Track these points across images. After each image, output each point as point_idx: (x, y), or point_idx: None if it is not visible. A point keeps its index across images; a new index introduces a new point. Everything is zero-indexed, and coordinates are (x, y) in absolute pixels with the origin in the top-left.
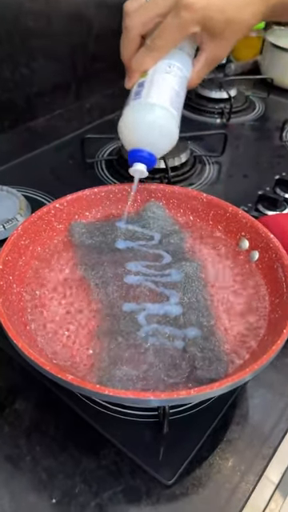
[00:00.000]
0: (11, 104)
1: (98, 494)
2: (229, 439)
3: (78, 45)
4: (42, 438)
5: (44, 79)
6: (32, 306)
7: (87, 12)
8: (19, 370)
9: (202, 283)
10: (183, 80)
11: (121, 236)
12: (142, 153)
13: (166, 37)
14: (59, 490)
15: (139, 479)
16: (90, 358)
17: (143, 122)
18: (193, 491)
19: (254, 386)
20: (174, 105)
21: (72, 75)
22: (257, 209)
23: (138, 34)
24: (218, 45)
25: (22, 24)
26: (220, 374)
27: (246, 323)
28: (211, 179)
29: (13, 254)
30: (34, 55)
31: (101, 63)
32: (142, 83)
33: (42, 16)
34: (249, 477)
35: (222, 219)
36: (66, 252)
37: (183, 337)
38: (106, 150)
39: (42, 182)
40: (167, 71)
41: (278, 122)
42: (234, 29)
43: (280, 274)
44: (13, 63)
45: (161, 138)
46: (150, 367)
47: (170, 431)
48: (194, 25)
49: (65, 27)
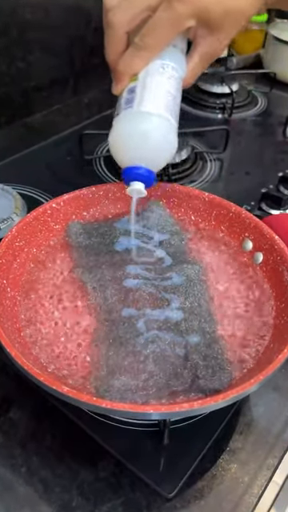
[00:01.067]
0: (7, 99)
1: (97, 507)
2: (232, 449)
3: (76, 38)
4: (38, 448)
5: (41, 73)
6: (27, 311)
7: (85, 4)
8: (14, 377)
9: (204, 287)
10: (179, 81)
11: (119, 237)
12: (138, 170)
13: (157, 34)
14: (56, 504)
15: (139, 492)
16: (87, 366)
17: (138, 134)
18: (194, 504)
19: (259, 392)
20: (171, 111)
21: (70, 69)
22: (260, 207)
23: (124, 32)
24: (214, 38)
25: (19, 16)
26: (224, 384)
27: (250, 329)
28: (213, 176)
29: (7, 256)
30: (31, 48)
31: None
32: (133, 89)
33: (40, 8)
34: (253, 489)
35: (224, 219)
36: (63, 253)
37: (185, 344)
38: (105, 146)
39: (39, 180)
40: (161, 73)
41: (281, 117)
42: (233, 20)
43: (285, 278)
44: (9, 57)
45: (159, 150)
46: (149, 376)
47: (171, 441)
48: (189, 18)
49: (63, 20)
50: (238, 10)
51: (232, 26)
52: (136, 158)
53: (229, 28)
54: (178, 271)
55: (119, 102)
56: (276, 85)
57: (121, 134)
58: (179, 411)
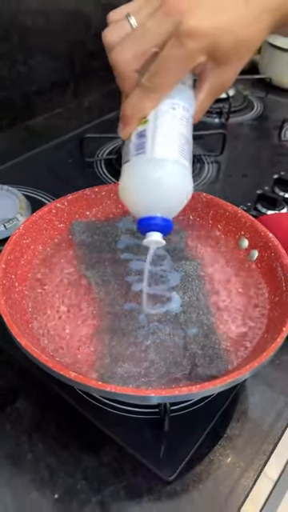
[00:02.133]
0: (9, 102)
1: (100, 490)
2: (229, 436)
3: (76, 42)
4: (43, 436)
5: (42, 77)
6: (34, 305)
7: (85, 9)
8: (19, 370)
9: (202, 282)
10: (190, 120)
11: (121, 235)
12: (155, 220)
13: (167, 73)
14: (61, 487)
15: (140, 476)
16: (92, 356)
17: (153, 182)
18: (193, 487)
19: (255, 383)
20: (185, 154)
21: (70, 73)
22: (256, 208)
23: (132, 71)
24: (223, 71)
25: (20, 22)
26: (221, 371)
27: (245, 321)
28: (210, 178)
29: (15, 253)
30: (32, 53)
31: (99, 61)
32: (143, 133)
33: (41, 14)
34: (249, 473)
35: (221, 218)
36: (67, 251)
37: (184, 335)
38: (106, 149)
39: (42, 181)
40: (171, 114)
41: (276, 121)
42: (243, 51)
43: (279, 273)
44: (10, 61)
45: (175, 197)
46: (151, 364)
47: (171, 428)
48: (201, 54)
49: (63, 25)
50: (250, 40)
51: (241, 58)
52: (151, 207)
53: (238, 59)
54: (177, 267)
55: (127, 146)
56: (272, 90)
57: (134, 183)
58: (179, 395)
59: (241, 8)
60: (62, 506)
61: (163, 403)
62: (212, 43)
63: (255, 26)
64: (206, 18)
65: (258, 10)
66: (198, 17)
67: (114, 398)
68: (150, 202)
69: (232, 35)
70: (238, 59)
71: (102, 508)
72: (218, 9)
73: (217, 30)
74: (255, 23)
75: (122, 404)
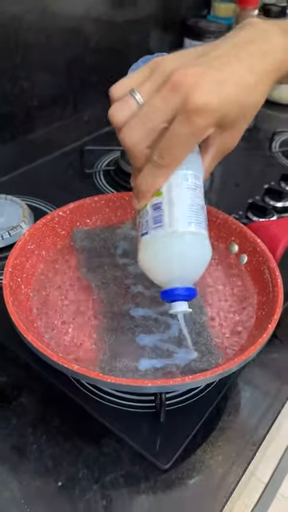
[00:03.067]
0: (12, 116)
1: (100, 478)
2: (221, 428)
3: (75, 59)
4: (47, 428)
5: (43, 92)
6: (38, 306)
7: (84, 27)
8: (24, 367)
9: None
10: (201, 186)
11: (120, 241)
12: (179, 291)
13: (176, 149)
14: (64, 476)
15: (138, 465)
16: (93, 352)
17: (174, 255)
18: (188, 475)
19: (245, 381)
20: (201, 223)
21: (70, 88)
22: (247, 216)
23: (142, 148)
24: (228, 136)
25: (21, 39)
26: (212, 365)
27: (236, 320)
28: (205, 188)
29: (20, 257)
30: (34, 69)
31: (97, 76)
32: (159, 205)
33: (41, 31)
34: (240, 462)
35: (213, 225)
36: (69, 256)
37: (178, 333)
38: (105, 160)
39: (44, 192)
40: (184, 186)
41: (267, 133)
42: (247, 115)
43: (266, 276)
44: (14, 78)
45: (196, 266)
46: (147, 359)
47: (167, 421)
48: (209, 128)
49: (62, 42)
50: (252, 104)
51: (245, 121)
52: (174, 278)
53: (242, 124)
54: None
55: (144, 218)
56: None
57: (155, 256)
58: (173, 384)
59: (246, 76)
60: (65, 492)
61: (159, 396)
62: (220, 117)
63: (259, 90)
64: (213, 92)
65: (261, 74)
66: (204, 92)
67: (113, 388)
68: (173, 273)
69: (239, 104)
70: (242, 124)
71: (103, 494)
72: (223, 81)
73: (224, 104)
74: (259, 87)
75: (121, 398)
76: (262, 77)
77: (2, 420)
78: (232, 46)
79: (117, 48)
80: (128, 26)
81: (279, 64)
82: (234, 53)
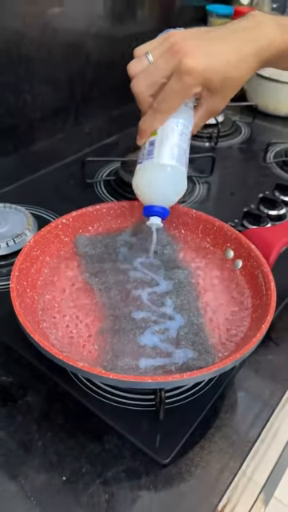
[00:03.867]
0: (16, 128)
1: (103, 473)
2: (218, 426)
3: (77, 73)
4: (52, 426)
5: (45, 105)
6: (43, 308)
7: (85, 43)
8: (29, 367)
9: (193, 287)
10: (188, 135)
11: (120, 247)
12: (156, 208)
13: (170, 100)
14: (68, 470)
15: (139, 460)
16: (95, 352)
17: (157, 180)
18: (186, 470)
19: (241, 380)
20: (182, 161)
21: (71, 101)
22: (242, 224)
23: (147, 96)
24: (216, 99)
25: (24, 54)
26: (208, 363)
27: (231, 321)
28: (201, 197)
29: (26, 263)
30: (37, 83)
31: (98, 90)
32: (153, 142)
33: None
34: (236, 457)
35: (209, 232)
36: (72, 261)
37: (176, 333)
38: (105, 171)
39: (47, 201)
40: (174, 130)
41: (262, 144)
42: (231, 85)
43: (260, 279)
44: (17, 91)
45: (173, 193)
46: (147, 359)
47: (166, 419)
48: (196, 87)
49: (65, 57)
50: (236, 78)
51: (230, 90)
52: (155, 198)
53: (227, 91)
54: (171, 275)
55: (142, 151)
56: (258, 115)
57: (144, 179)
58: (172, 381)
59: (230, 55)
60: (69, 486)
61: (159, 394)
62: (205, 80)
63: (242, 67)
64: (201, 60)
65: (245, 53)
66: (195, 59)
67: (116, 384)
68: (154, 194)
69: (221, 74)
70: (228, 92)
71: (105, 488)
72: (211, 54)
73: (208, 70)
74: (242, 64)
75: (122, 397)
76: (244, 58)
77: (8, 418)
78: (228, 31)
79: (116, 63)
80: (127, 41)
81: (261, 50)
82: (228, 36)
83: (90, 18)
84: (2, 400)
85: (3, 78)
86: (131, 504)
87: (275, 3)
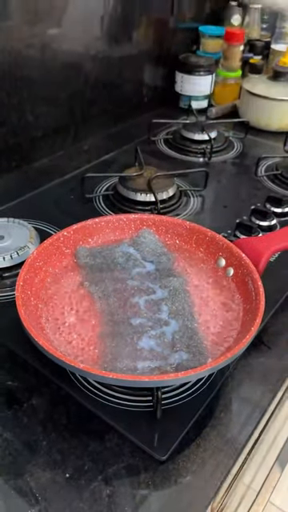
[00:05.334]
0: (18, 147)
1: (104, 470)
2: (213, 425)
3: (76, 93)
4: (55, 426)
5: (46, 124)
6: (46, 316)
7: (84, 65)
8: (33, 372)
9: (188, 294)
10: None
11: (118, 258)
12: None
13: None
14: (71, 468)
15: (138, 458)
16: (96, 355)
17: None
18: (183, 466)
19: (235, 381)
20: None
21: (71, 120)
22: (235, 235)
23: None
24: None
25: (26, 77)
26: (202, 364)
27: (223, 325)
28: (195, 210)
29: (30, 273)
30: (38, 103)
31: (96, 109)
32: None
33: (45, 68)
34: (230, 454)
35: (202, 242)
36: (73, 272)
37: (172, 337)
38: (103, 186)
39: (48, 215)
40: None
41: (254, 158)
42: None
43: (250, 286)
44: (21, 111)
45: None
46: (145, 361)
47: (163, 418)
48: None
49: (64, 77)
50: None
51: None
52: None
53: None
54: (166, 283)
55: None
56: (250, 131)
57: None
58: (168, 379)
59: None
60: (73, 483)
61: (156, 394)
62: None
63: None
64: None
65: None
66: None
67: (115, 383)
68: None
69: None
70: None
71: (106, 484)
72: None
73: None
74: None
75: (121, 399)
76: None
77: (15, 420)
78: None
79: (114, 83)
80: (124, 62)
81: None
82: None
83: (88, 40)
84: (8, 403)
85: (7, 100)
86: (131, 499)
87: (265, 24)
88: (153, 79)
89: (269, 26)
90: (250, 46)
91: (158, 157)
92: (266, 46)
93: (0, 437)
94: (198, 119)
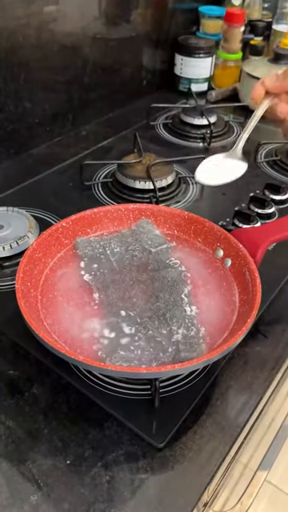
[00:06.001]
0: (15, 133)
1: (104, 457)
2: (209, 413)
3: (75, 78)
4: (56, 415)
5: (44, 110)
6: (46, 307)
7: (82, 49)
8: (34, 362)
9: (185, 285)
10: None
11: (117, 248)
12: None
13: None
14: (72, 455)
15: (137, 445)
16: (95, 346)
17: None
18: (180, 453)
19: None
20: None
21: (69, 105)
22: (233, 223)
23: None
24: None
25: (24, 63)
26: (199, 355)
27: (220, 316)
28: (194, 197)
29: (29, 264)
30: (35, 89)
31: (95, 94)
32: None
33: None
34: (225, 441)
35: (200, 232)
36: (72, 262)
37: (169, 328)
38: (102, 173)
39: (47, 203)
40: None
41: (253, 144)
42: None
43: (247, 277)
44: (17, 98)
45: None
46: (142, 352)
47: (161, 406)
48: None
49: (62, 62)
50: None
51: None
52: None
53: None
54: (164, 274)
55: None
56: (250, 115)
57: None
58: (165, 371)
59: None
60: (73, 469)
61: (154, 383)
62: None
63: None
64: None
65: None
66: None
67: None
68: None
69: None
70: None
71: (106, 470)
72: None
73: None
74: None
75: (120, 388)
76: None
77: (17, 409)
78: None
79: (112, 66)
80: (122, 44)
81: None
82: None
83: (86, 22)
84: (10, 392)
85: (3, 86)
86: (130, 484)
87: (266, 3)
88: (152, 62)
89: (270, 6)
90: (250, 26)
91: (157, 142)
92: (268, 26)
93: (3, 425)
94: (198, 103)
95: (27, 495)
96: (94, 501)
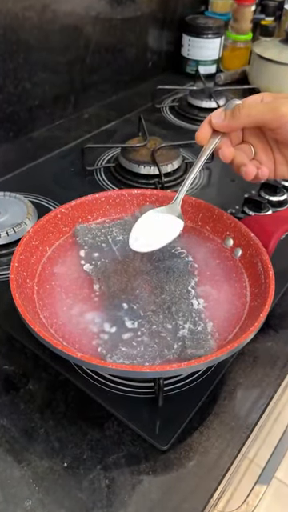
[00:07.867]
0: (15, 116)
1: (103, 459)
2: (216, 413)
3: (76, 59)
4: (54, 413)
5: (44, 92)
6: (43, 298)
7: (85, 29)
8: (31, 357)
9: (192, 276)
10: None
11: (119, 236)
12: None
13: None
14: (69, 456)
15: (139, 446)
16: (95, 341)
17: None
18: (185, 456)
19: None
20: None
21: (70, 87)
22: (243, 211)
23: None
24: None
25: (23, 42)
26: (207, 352)
27: (230, 310)
28: (202, 183)
29: (25, 253)
30: (36, 70)
31: (97, 76)
32: None
33: (43, 33)
34: (234, 444)
35: (209, 220)
36: (72, 251)
37: (175, 322)
38: (104, 157)
39: (46, 189)
40: None
41: None
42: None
43: (259, 268)
44: (16, 79)
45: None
46: (146, 348)
47: (165, 406)
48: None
49: (64, 43)
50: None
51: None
52: None
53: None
54: (170, 264)
55: None
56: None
57: None
58: (170, 370)
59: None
60: (71, 472)
61: (157, 381)
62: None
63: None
64: None
65: None
66: None
67: (114, 374)
68: None
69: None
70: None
71: (105, 474)
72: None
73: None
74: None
75: (121, 385)
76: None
77: (11, 406)
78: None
79: (116, 47)
80: (126, 24)
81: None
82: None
83: (89, 0)
84: (4, 389)
85: (2, 66)
86: (131, 489)
87: None
88: (157, 42)
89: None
90: (261, 6)
91: (162, 126)
92: (279, 6)
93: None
94: (206, 85)
95: (21, 499)
96: (93, 506)
